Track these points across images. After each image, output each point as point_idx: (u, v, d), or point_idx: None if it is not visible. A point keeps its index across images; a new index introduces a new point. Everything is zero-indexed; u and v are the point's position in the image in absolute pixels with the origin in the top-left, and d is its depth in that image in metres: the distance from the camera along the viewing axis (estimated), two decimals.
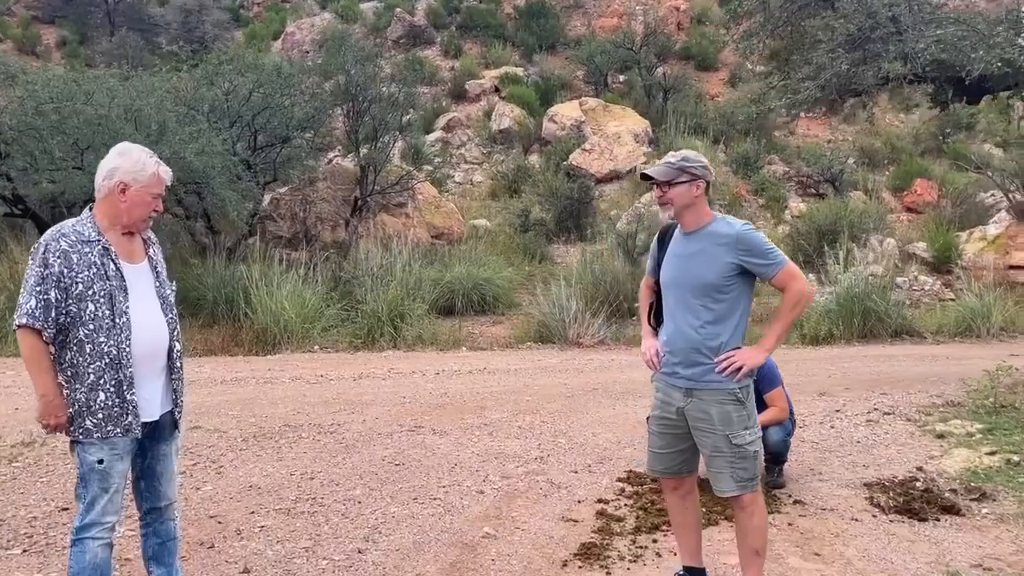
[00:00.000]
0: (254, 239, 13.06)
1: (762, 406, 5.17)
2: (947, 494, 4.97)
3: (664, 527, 4.61)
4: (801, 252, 16.39)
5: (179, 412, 3.48)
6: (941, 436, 6.30)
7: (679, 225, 3.75)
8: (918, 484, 5.12)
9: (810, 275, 16.09)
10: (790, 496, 5.09)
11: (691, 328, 3.64)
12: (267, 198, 14.30)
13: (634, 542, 4.46)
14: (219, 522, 4.63)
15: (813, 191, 20.08)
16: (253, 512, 4.78)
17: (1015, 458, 5.53)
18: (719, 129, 21.52)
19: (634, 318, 12.47)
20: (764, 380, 5.05)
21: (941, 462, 5.67)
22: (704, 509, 4.55)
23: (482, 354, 10.32)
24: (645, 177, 3.70)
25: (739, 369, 3.56)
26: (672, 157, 3.68)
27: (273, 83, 12.99)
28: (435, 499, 5.05)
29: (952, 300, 14.56)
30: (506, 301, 13.16)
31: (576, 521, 4.74)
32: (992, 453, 5.71)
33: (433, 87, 24.04)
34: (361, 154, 15.01)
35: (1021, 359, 10.76)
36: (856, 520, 4.71)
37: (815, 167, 20.14)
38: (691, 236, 3.70)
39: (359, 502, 4.98)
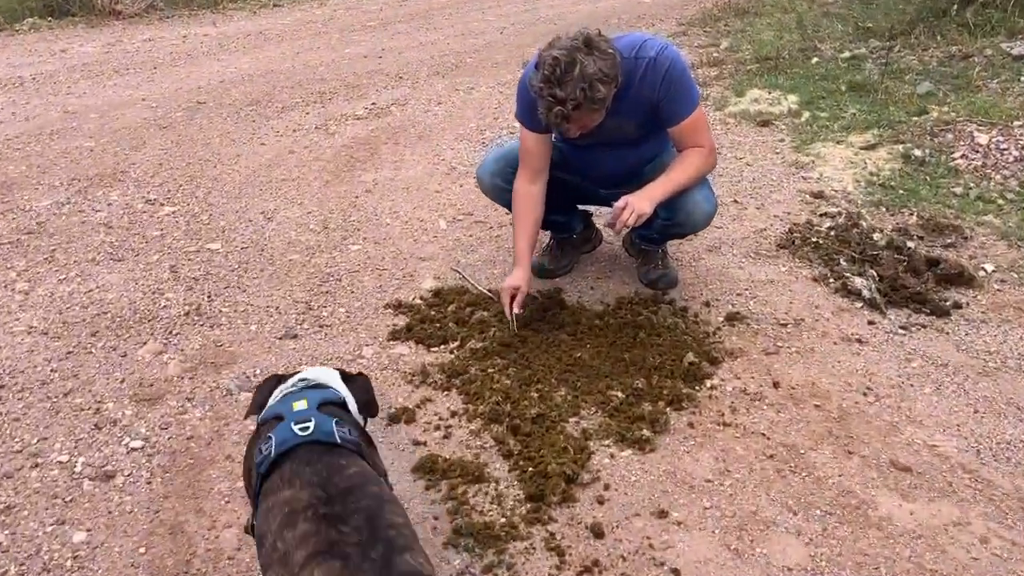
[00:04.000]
0: None
1: (665, 153, 2.65)
2: (914, 246, 3.06)
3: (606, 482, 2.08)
4: None
5: None
6: (765, 124, 4.37)
7: None
8: (873, 236, 3.11)
9: None
10: (708, 307, 2.79)
11: None
12: None
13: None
14: None
15: None
16: None
17: (915, 152, 3.80)
18: None
19: None
20: (673, 97, 2.44)
21: (823, 175, 3.75)
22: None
23: None
24: None
25: None
26: None
27: None
28: None
29: None
30: None
31: None
32: (871, 147, 3.93)
33: None
34: None
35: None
36: (859, 341, 2.61)
37: None
38: None
39: None
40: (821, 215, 3.36)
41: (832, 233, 3.17)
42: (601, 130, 2.42)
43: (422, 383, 2.41)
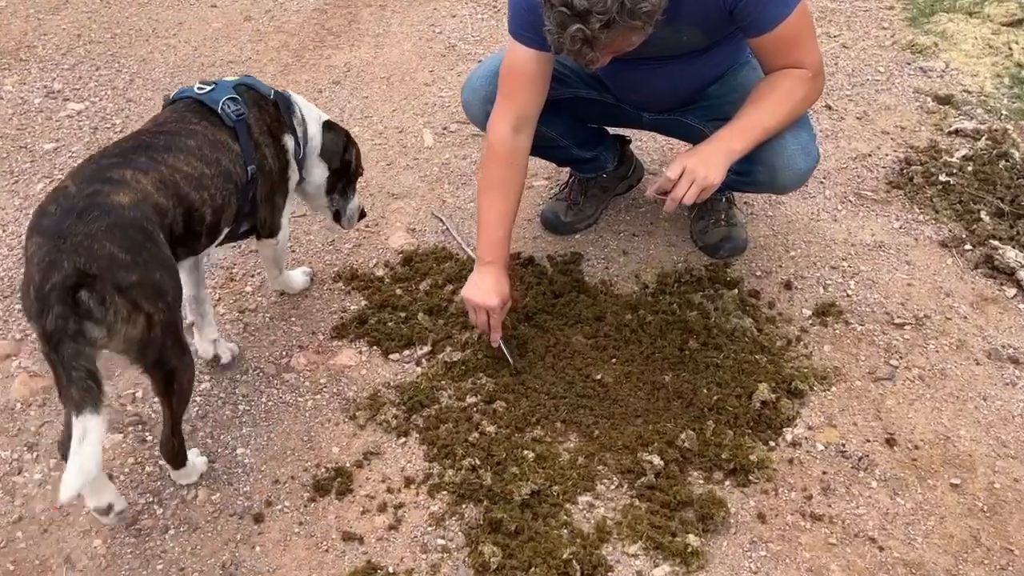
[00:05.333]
0: None
1: (742, 67, 1.75)
2: None
3: None
4: None
5: None
6: None
7: None
8: None
9: None
10: (789, 291, 1.95)
11: None
12: None
13: None
14: None
15: None
16: None
17: None
18: None
19: None
20: None
21: (950, 66, 2.75)
22: None
23: None
24: None
25: None
26: None
27: None
28: None
29: None
30: None
31: None
32: (1016, 23, 2.90)
33: None
34: None
35: None
36: (1013, 360, 1.79)
37: None
38: None
39: None
40: (950, 133, 2.42)
41: (969, 167, 2.25)
42: (647, 44, 1.52)
43: (369, 421, 1.67)
